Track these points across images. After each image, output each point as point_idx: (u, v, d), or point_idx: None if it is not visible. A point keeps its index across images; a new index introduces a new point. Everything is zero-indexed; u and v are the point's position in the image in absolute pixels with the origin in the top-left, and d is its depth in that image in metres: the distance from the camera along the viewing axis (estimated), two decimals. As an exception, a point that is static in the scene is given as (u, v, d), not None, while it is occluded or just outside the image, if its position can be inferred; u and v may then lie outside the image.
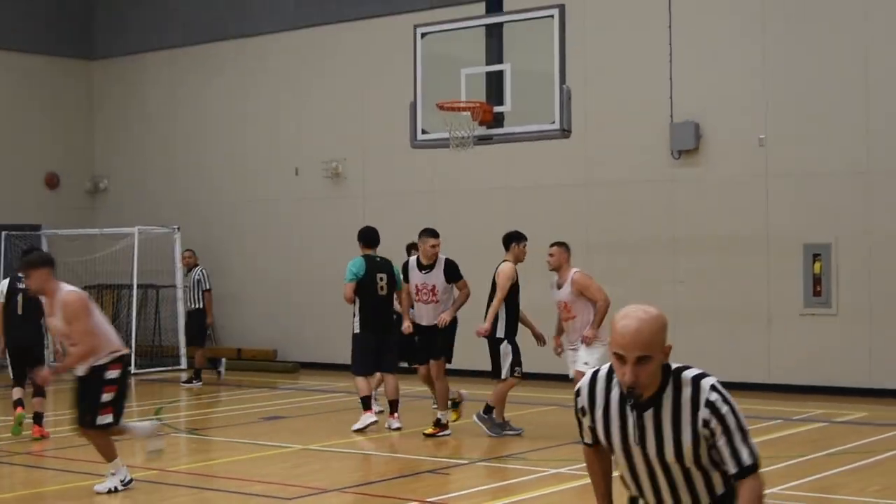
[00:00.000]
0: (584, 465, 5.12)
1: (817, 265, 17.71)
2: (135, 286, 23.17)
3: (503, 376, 14.11)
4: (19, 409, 14.51)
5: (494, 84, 15.04)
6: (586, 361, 12.87)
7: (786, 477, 11.50)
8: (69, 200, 25.85)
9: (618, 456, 4.73)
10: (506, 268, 14.16)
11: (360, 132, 21.87)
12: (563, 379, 14.37)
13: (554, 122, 14.55)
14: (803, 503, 10.54)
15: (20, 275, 13.03)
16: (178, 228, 23.40)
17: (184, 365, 23.00)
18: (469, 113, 14.83)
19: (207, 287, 20.63)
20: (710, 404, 4.48)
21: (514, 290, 14.20)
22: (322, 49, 22.44)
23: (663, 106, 18.47)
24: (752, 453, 4.52)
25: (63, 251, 23.56)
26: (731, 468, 4.52)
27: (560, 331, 13.99)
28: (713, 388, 4.50)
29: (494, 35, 15.27)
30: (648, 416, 4.55)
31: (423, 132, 15.62)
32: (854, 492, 10.92)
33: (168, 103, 24.99)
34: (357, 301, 14.60)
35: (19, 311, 14.68)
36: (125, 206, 25.30)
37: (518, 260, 14.34)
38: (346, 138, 22.18)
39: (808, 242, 17.77)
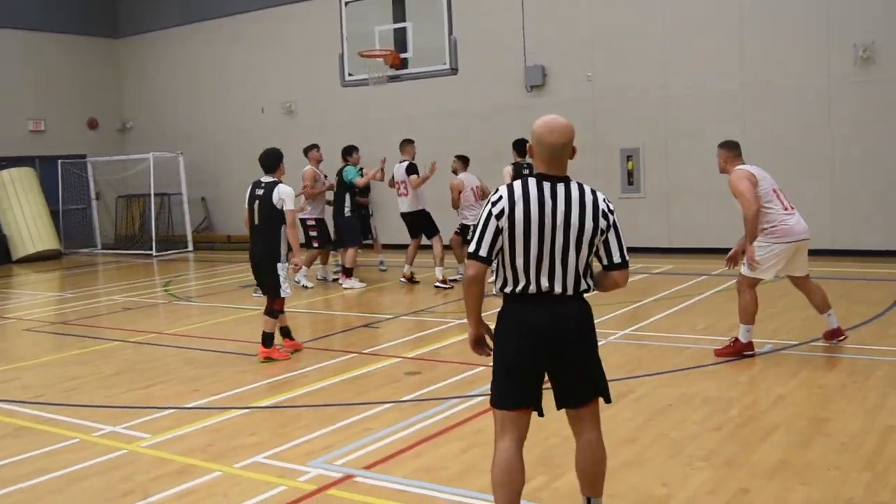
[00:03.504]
0: (467, 285, 3.91)
1: (630, 163, 16.11)
2: (152, 195, 21.41)
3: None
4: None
5: (401, 37, 13.60)
6: None
7: (632, 320, 9.79)
8: (105, 136, 24.10)
9: (521, 243, 3.83)
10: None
11: (307, 79, 20.04)
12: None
13: (445, 64, 13.22)
14: (650, 342, 8.71)
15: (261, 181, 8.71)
16: (181, 153, 21.85)
17: (190, 248, 21.35)
18: (382, 59, 13.50)
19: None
20: (607, 205, 3.91)
21: None
22: (280, 22, 20.61)
23: (520, 52, 16.87)
24: (626, 254, 3.99)
25: (102, 172, 23.31)
26: (616, 258, 3.95)
27: None
28: (606, 198, 3.95)
29: (398, 1, 13.68)
30: (561, 190, 3.89)
31: (350, 75, 14.14)
32: (687, 331, 9.13)
33: (171, 67, 23.03)
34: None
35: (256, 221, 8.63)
36: (144, 139, 23.43)
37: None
38: (297, 84, 20.43)
39: (624, 147, 16.15)
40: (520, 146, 12.50)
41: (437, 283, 12.84)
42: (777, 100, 14.66)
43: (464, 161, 13.21)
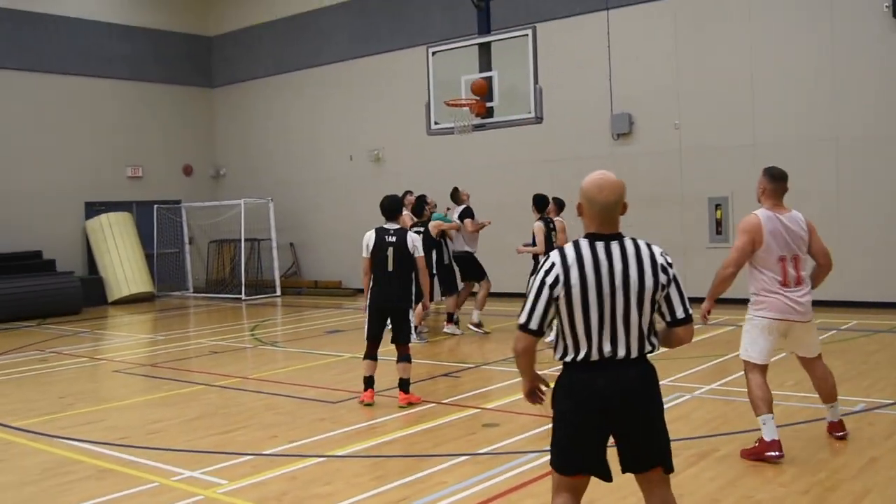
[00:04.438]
0: (517, 357, 3.90)
1: (719, 212, 15.81)
2: (243, 240, 21.87)
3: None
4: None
5: (486, 86, 13.53)
6: None
7: (717, 374, 9.54)
8: (200, 182, 24.80)
9: (580, 309, 3.70)
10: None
11: (394, 127, 20.28)
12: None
13: (530, 113, 13.18)
14: (736, 398, 8.45)
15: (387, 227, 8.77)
16: (272, 199, 22.23)
17: (278, 293, 21.64)
18: (468, 108, 13.53)
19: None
20: (665, 259, 3.78)
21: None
22: (369, 72, 21.00)
23: (605, 101, 16.77)
24: (689, 307, 3.82)
25: (195, 217, 23.92)
26: (679, 314, 3.80)
27: None
28: (663, 252, 3.82)
29: (485, 51, 13.81)
30: (616, 248, 3.74)
31: (436, 123, 14.18)
32: (775, 387, 8.82)
33: (265, 115, 23.61)
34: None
35: (390, 268, 8.61)
36: (236, 185, 24.09)
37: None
38: (385, 133, 20.67)
39: (712, 196, 15.90)
40: (540, 202, 12.36)
41: (471, 325, 13.19)
42: (872, 150, 14.25)
43: (558, 205, 12.89)
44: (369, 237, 8.74)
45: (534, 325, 3.75)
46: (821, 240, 6.60)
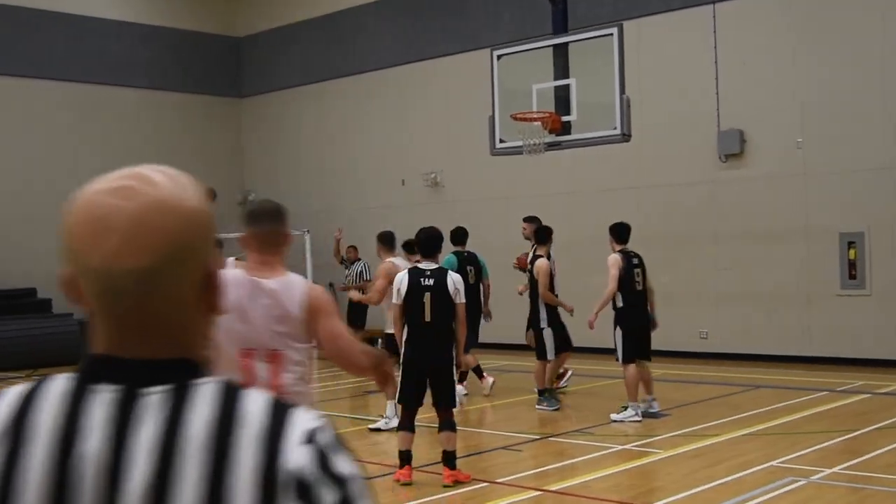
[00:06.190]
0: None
1: (852, 251, 15.42)
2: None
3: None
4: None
5: (563, 96, 13.62)
6: None
7: (845, 454, 9.22)
8: (224, 209, 24.61)
9: None
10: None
11: (453, 146, 20.41)
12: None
13: (615, 129, 13.07)
14: (868, 485, 8.14)
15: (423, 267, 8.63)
16: (308, 231, 22.11)
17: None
18: (540, 123, 13.49)
19: (368, 278, 18.65)
20: (317, 451, 1.46)
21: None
22: (422, 79, 21.23)
23: (711, 115, 16.62)
24: None
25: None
26: None
27: None
28: (311, 431, 1.48)
29: (560, 54, 13.81)
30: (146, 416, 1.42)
31: (501, 141, 14.23)
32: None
33: (298, 131, 24.03)
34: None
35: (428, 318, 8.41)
36: None
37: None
38: (442, 153, 20.80)
39: (844, 231, 15.50)
40: (620, 232, 11.79)
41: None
42: None
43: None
44: (401, 280, 8.60)
45: None
46: None
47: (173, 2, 24.08)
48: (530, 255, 12.83)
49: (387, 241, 11.95)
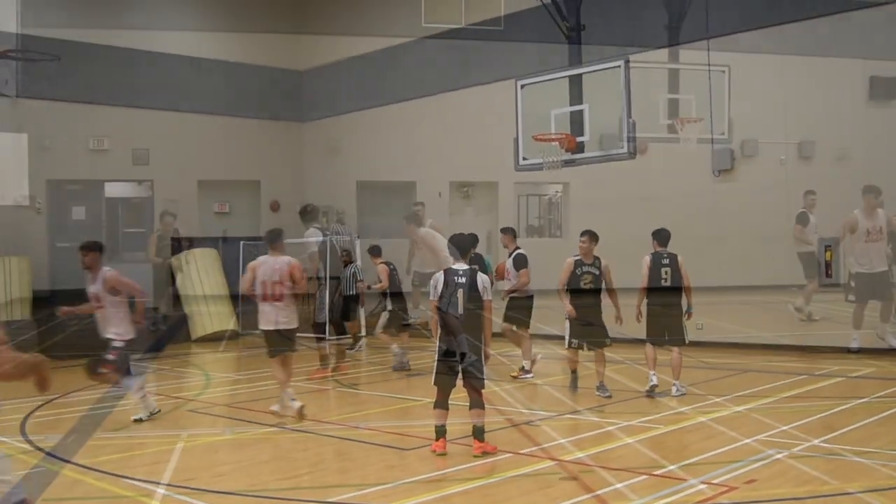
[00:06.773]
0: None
1: (828, 253, 15.29)
2: (327, 279, 21.89)
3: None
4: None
5: (578, 119, 13.68)
6: None
7: (822, 429, 9.13)
8: (287, 219, 24.87)
9: None
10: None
11: (482, 162, 20.37)
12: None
13: (623, 148, 13.15)
14: (842, 456, 8.06)
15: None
16: (358, 237, 22.08)
17: (363, 333, 21.50)
18: (557, 143, 13.61)
19: (361, 279, 18.71)
20: None
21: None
22: (454, 107, 21.26)
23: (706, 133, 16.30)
24: None
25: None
26: None
27: None
28: None
29: (575, 83, 13.89)
30: None
31: (524, 159, 14.34)
32: (886, 445, 8.41)
33: (352, 151, 24.00)
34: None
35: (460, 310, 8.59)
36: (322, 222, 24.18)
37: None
38: (473, 168, 20.89)
39: (822, 236, 15.39)
40: (661, 236, 11.70)
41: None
42: None
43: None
44: (438, 279, 8.80)
45: None
46: None
47: (247, 41, 24.22)
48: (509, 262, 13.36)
49: (375, 251, 14.99)
